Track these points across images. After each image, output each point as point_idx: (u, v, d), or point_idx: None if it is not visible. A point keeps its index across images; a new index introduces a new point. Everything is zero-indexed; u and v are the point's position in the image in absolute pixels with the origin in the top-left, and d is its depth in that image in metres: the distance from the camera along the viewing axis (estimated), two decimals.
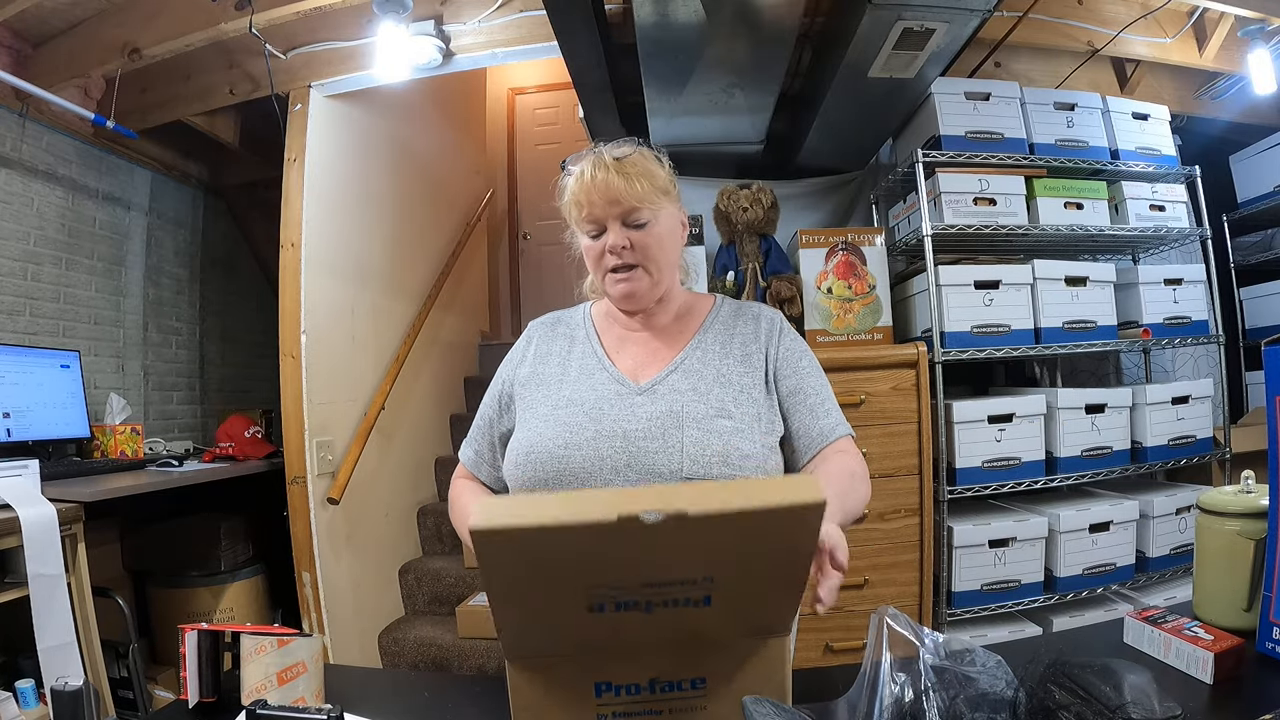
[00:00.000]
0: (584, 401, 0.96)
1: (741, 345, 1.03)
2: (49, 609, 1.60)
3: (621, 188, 0.94)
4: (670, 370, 0.99)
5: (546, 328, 1.11)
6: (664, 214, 0.98)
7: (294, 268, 2.47)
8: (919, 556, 2.00)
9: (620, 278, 0.98)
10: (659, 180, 0.97)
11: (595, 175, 0.95)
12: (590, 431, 0.92)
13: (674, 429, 0.91)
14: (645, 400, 0.95)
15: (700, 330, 1.04)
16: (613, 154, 0.96)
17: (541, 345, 1.08)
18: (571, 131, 4.68)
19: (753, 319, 1.06)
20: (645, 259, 0.97)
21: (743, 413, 0.94)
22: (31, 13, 2.30)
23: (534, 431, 0.95)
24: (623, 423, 0.92)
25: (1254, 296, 2.89)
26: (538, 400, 1.00)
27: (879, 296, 2.19)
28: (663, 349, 1.03)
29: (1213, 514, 0.90)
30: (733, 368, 1.00)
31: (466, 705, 0.86)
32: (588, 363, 1.02)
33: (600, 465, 0.90)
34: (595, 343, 1.05)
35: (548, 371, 1.03)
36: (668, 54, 1.81)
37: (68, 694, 0.92)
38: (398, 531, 3.08)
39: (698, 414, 0.92)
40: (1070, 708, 0.58)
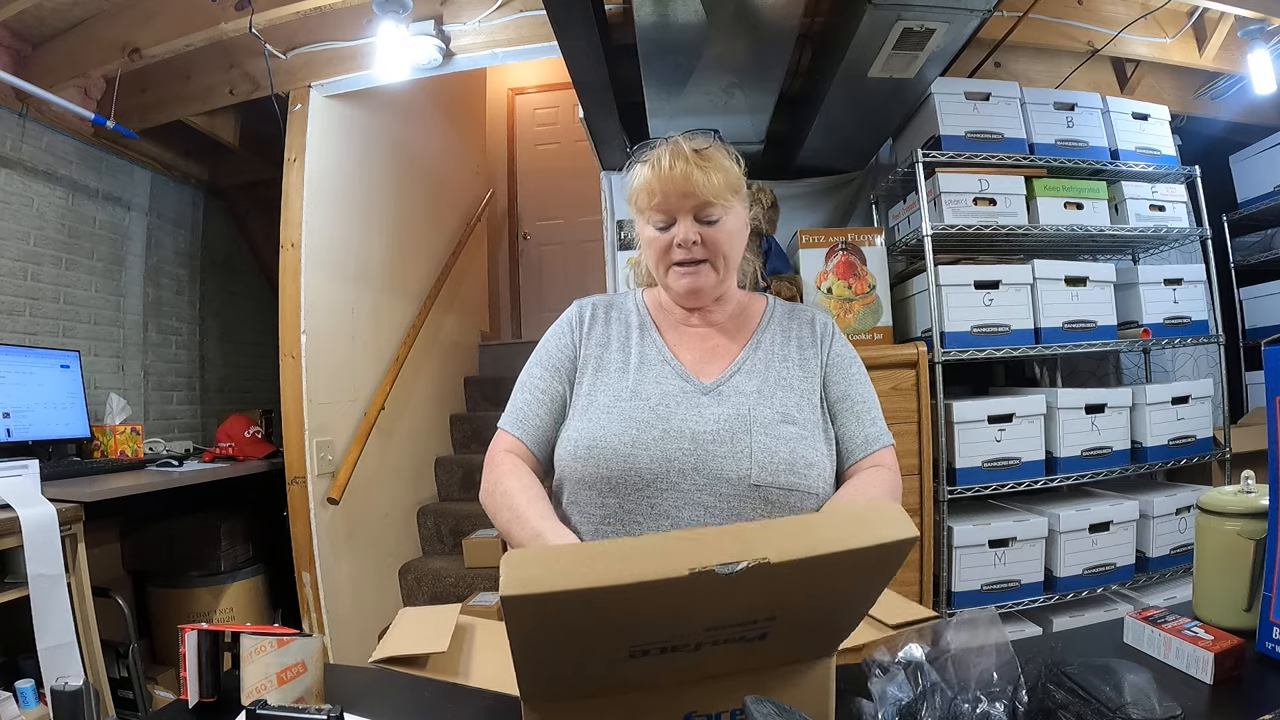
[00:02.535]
0: (650, 396, 0.93)
1: (799, 348, 1.01)
2: (49, 609, 1.60)
3: (700, 180, 0.91)
4: (734, 370, 0.97)
5: (601, 308, 1.07)
6: (734, 211, 0.97)
7: (294, 268, 2.47)
8: (919, 556, 2.00)
9: (686, 271, 0.96)
10: (733, 177, 0.95)
11: (675, 165, 0.91)
12: (658, 430, 0.89)
13: (743, 433, 0.89)
14: (711, 401, 0.93)
15: (758, 330, 1.03)
16: (691, 145, 0.93)
17: (598, 325, 1.04)
18: (571, 131, 4.68)
19: (807, 322, 1.05)
20: (714, 255, 0.95)
21: (805, 418, 0.93)
22: (31, 13, 2.29)
23: (597, 424, 0.92)
24: (690, 423, 0.90)
25: (1254, 296, 2.89)
26: (598, 388, 0.96)
27: (879, 296, 2.19)
28: (722, 346, 1.00)
29: (1213, 514, 0.90)
30: (792, 371, 0.98)
31: (467, 705, 0.85)
32: (649, 352, 0.99)
33: (668, 467, 0.88)
34: (654, 331, 1.02)
35: (608, 356, 1.00)
36: (668, 54, 1.81)
37: (68, 694, 0.92)
38: (398, 531, 3.08)
39: (764, 418, 0.91)
40: (1070, 708, 0.58)
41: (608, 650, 0.53)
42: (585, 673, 0.56)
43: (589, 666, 0.56)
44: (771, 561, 0.47)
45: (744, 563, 0.46)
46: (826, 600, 0.56)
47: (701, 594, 0.47)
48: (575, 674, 0.57)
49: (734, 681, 0.59)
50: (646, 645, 0.53)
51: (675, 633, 0.52)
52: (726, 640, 0.54)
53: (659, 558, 0.46)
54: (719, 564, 0.46)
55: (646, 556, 0.47)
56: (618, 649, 0.52)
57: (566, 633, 0.50)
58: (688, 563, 0.45)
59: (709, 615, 0.51)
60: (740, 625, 0.54)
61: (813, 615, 0.57)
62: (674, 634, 0.52)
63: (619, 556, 0.48)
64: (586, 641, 0.52)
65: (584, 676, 0.57)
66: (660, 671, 0.56)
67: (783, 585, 0.50)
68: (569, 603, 0.46)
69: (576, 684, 0.58)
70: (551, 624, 0.49)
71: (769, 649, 0.57)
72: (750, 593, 0.49)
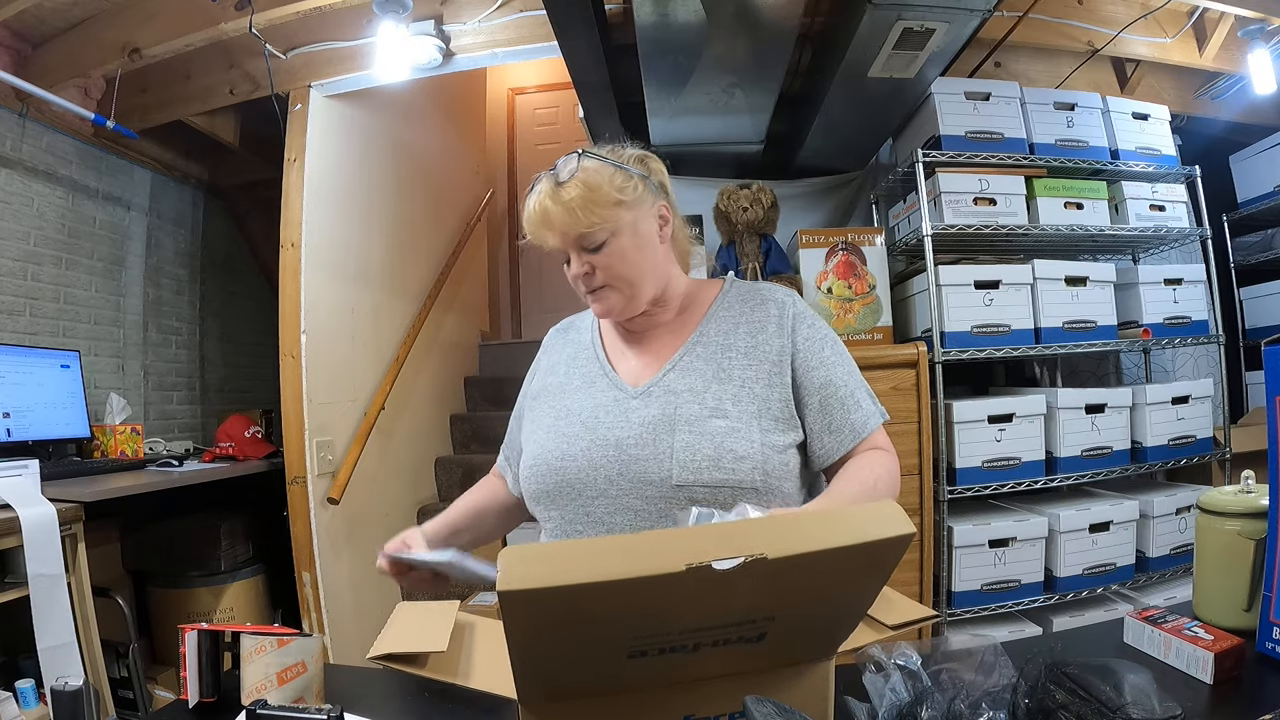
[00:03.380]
0: (581, 410, 0.96)
1: (748, 335, 0.97)
2: (49, 609, 1.60)
3: (562, 219, 0.90)
4: (667, 370, 0.95)
5: (559, 335, 1.12)
6: (623, 226, 0.92)
7: (294, 268, 2.47)
8: (919, 556, 2.00)
9: (594, 299, 0.97)
10: (604, 195, 0.90)
11: (536, 207, 0.92)
12: (585, 441, 0.92)
13: (665, 434, 0.89)
14: (640, 404, 0.93)
15: (702, 322, 0.99)
16: (555, 179, 0.92)
17: (551, 355, 1.09)
18: (571, 131, 4.68)
19: (761, 303, 1.00)
20: (610, 278, 0.94)
21: (740, 410, 0.90)
22: (31, 13, 2.29)
23: (536, 444, 0.97)
24: (615, 430, 0.92)
25: (1254, 296, 2.89)
26: (543, 413, 1.00)
27: (879, 296, 2.19)
28: (663, 348, 0.99)
29: (1213, 514, 0.90)
30: (734, 360, 0.94)
31: (467, 705, 0.85)
32: (589, 369, 1.01)
33: (594, 475, 0.90)
34: (599, 348, 1.04)
35: (553, 382, 1.03)
36: (668, 54, 1.81)
37: (68, 694, 0.92)
38: (397, 531, 3.07)
39: (690, 416, 0.89)
40: (1070, 708, 0.58)
41: (606, 649, 0.53)
42: (583, 673, 0.56)
43: (587, 666, 0.55)
44: (768, 557, 0.47)
45: (741, 558, 0.46)
46: (824, 599, 0.55)
47: (699, 590, 0.47)
48: (573, 674, 0.56)
49: (732, 683, 0.58)
50: (645, 646, 0.52)
51: (674, 630, 0.52)
52: (725, 641, 0.54)
53: (657, 554, 0.47)
54: (716, 559, 0.46)
55: (644, 553, 0.47)
56: (616, 648, 0.52)
57: (564, 630, 0.50)
58: (685, 558, 0.45)
59: (707, 613, 0.51)
60: (739, 625, 0.54)
61: (811, 615, 0.57)
62: (672, 632, 0.52)
63: (617, 552, 0.48)
64: (585, 640, 0.52)
65: (582, 677, 0.56)
66: (658, 673, 0.56)
67: (780, 583, 0.50)
68: (567, 598, 0.46)
69: (574, 685, 0.57)
70: (550, 620, 0.49)
71: (767, 651, 0.57)
72: (748, 590, 0.49)
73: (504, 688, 0.58)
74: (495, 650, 0.68)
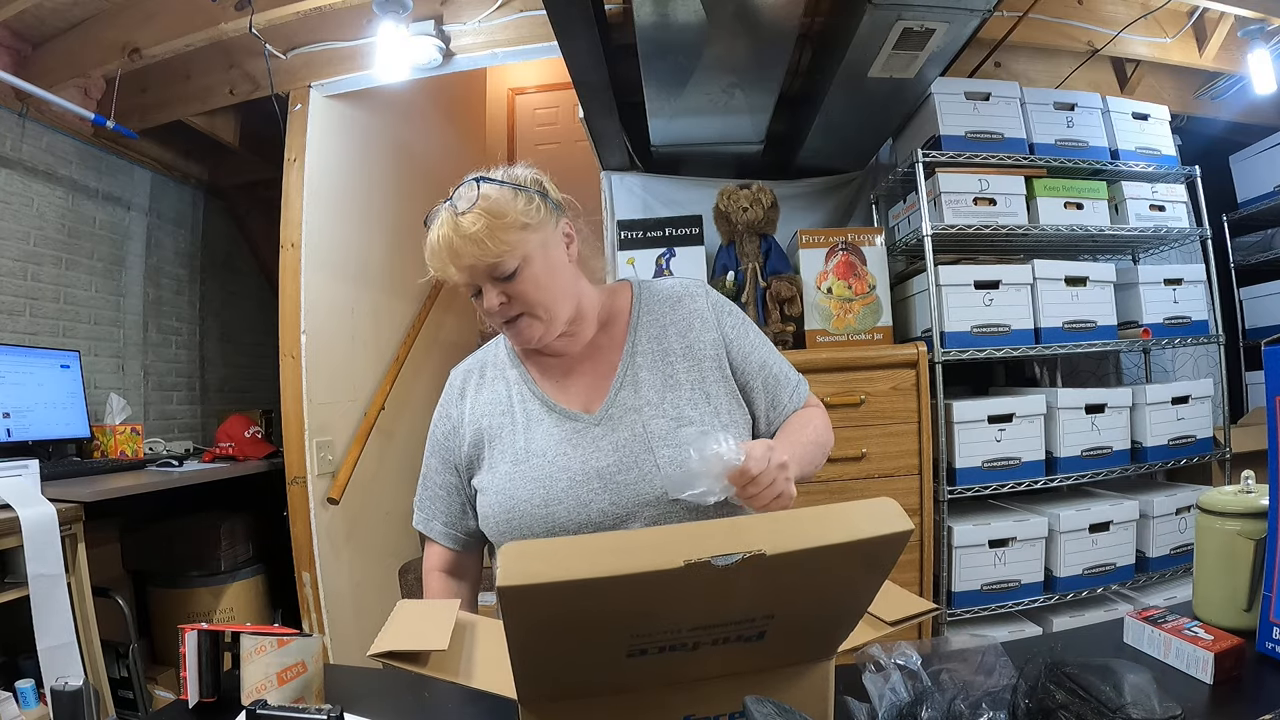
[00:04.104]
0: (545, 450, 0.92)
1: (679, 336, 0.98)
2: (49, 609, 1.60)
3: (470, 251, 0.86)
4: (616, 388, 0.95)
5: (475, 375, 1.05)
6: (533, 250, 0.90)
7: (294, 268, 2.47)
8: (919, 556, 2.00)
9: (511, 331, 0.94)
10: (509, 220, 0.88)
11: (440, 240, 0.89)
12: (564, 481, 0.89)
13: (644, 453, 0.89)
14: (605, 431, 0.92)
15: (629, 334, 0.99)
16: (454, 211, 0.88)
17: (479, 395, 1.02)
18: (571, 131, 4.67)
19: (678, 301, 1.01)
20: (527, 307, 0.91)
21: (699, 413, 0.92)
22: (31, 13, 2.29)
23: (505, 494, 0.91)
24: (592, 460, 0.89)
25: (1254, 296, 2.89)
26: (496, 458, 0.95)
27: (879, 296, 2.19)
28: (599, 368, 0.98)
29: (1213, 514, 0.90)
30: (675, 365, 0.96)
31: (467, 705, 0.85)
32: (531, 407, 0.97)
33: (586, 511, 0.88)
34: (530, 383, 0.99)
35: (494, 423, 0.97)
36: (668, 54, 1.80)
37: (68, 694, 0.92)
38: (398, 531, 3.08)
39: (660, 431, 0.90)
40: (1070, 708, 0.58)
41: (606, 647, 0.53)
42: (583, 672, 0.56)
43: (587, 665, 0.55)
44: (767, 553, 0.47)
45: (739, 554, 0.46)
46: (824, 597, 0.55)
47: (698, 587, 0.48)
48: (573, 673, 0.56)
49: (732, 683, 0.59)
50: (645, 644, 0.52)
51: (674, 628, 0.52)
52: (725, 640, 0.54)
53: (656, 550, 0.47)
54: (714, 555, 0.46)
55: (644, 548, 0.47)
56: (616, 646, 0.52)
57: (564, 627, 0.50)
58: (684, 554, 0.46)
59: (707, 610, 0.51)
60: (739, 624, 0.54)
61: (811, 614, 0.57)
62: (672, 630, 0.52)
63: (616, 549, 0.49)
64: (584, 637, 0.52)
65: (582, 676, 0.57)
66: (658, 672, 0.56)
67: (780, 580, 0.50)
68: (566, 594, 0.46)
69: (574, 684, 0.57)
70: (549, 617, 0.49)
71: (767, 650, 0.57)
72: (747, 587, 0.49)
73: (504, 688, 0.58)
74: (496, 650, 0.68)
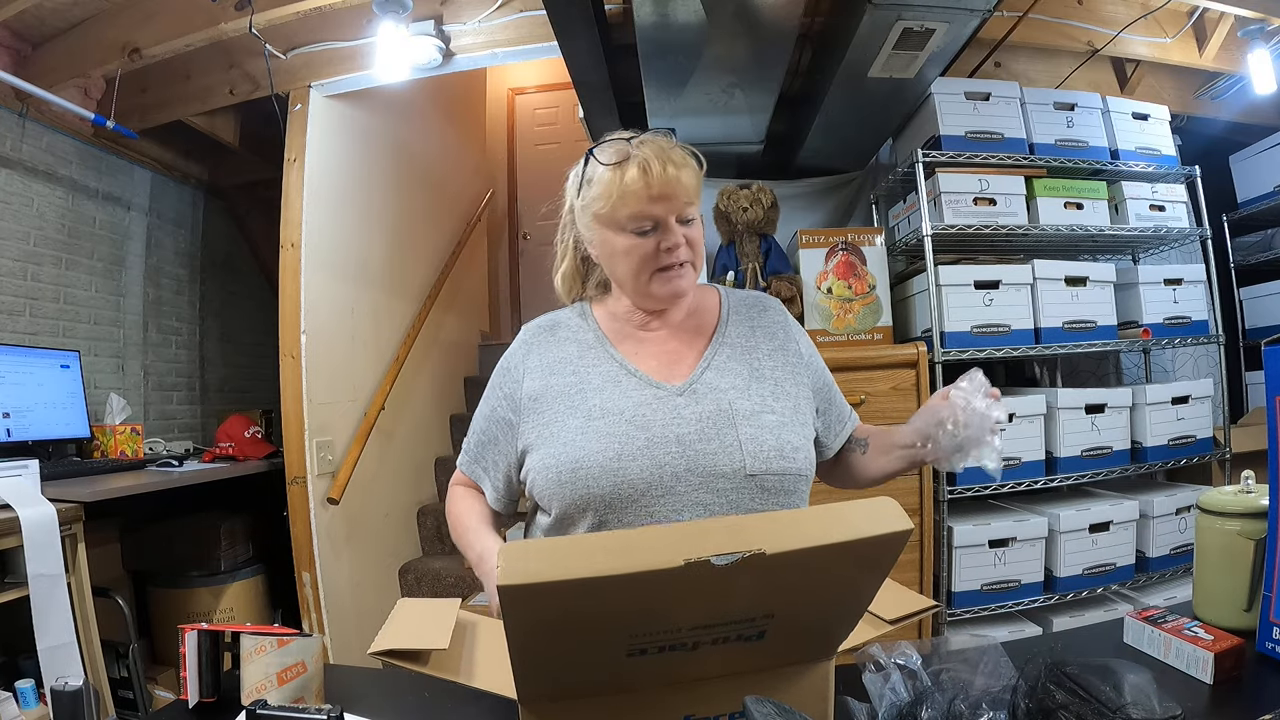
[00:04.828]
0: (623, 410, 0.90)
1: (767, 339, 1.01)
2: (49, 609, 1.60)
3: (686, 181, 0.90)
4: (703, 368, 0.95)
5: (545, 333, 1.03)
6: (697, 210, 0.96)
7: (294, 268, 2.47)
8: (919, 556, 2.00)
9: (674, 275, 0.93)
10: (699, 176, 0.95)
11: (665, 170, 0.89)
12: (641, 440, 0.88)
13: (728, 427, 0.89)
14: (688, 401, 0.91)
15: (719, 326, 1.02)
16: (662, 146, 0.91)
17: (546, 352, 1.00)
18: (571, 131, 4.67)
19: (764, 310, 1.06)
20: (695, 255, 0.95)
21: (782, 406, 0.94)
22: (31, 13, 2.29)
23: (574, 446, 0.89)
24: (673, 426, 0.89)
25: (1254, 296, 2.89)
26: (561, 414, 0.92)
27: (879, 296, 2.19)
28: (683, 348, 0.99)
29: (1213, 514, 0.90)
30: (762, 362, 0.98)
31: (467, 705, 0.85)
32: (609, 369, 0.96)
33: (660, 474, 0.87)
34: (610, 347, 0.98)
35: (562, 382, 0.95)
36: (668, 54, 1.81)
37: (68, 694, 0.92)
38: (398, 531, 3.08)
39: (745, 410, 0.91)
40: (1070, 708, 0.58)
41: (606, 646, 0.53)
42: (584, 671, 0.56)
43: (587, 664, 0.55)
44: (766, 553, 0.47)
45: (739, 553, 0.46)
46: (824, 596, 0.55)
47: (698, 586, 0.47)
48: (573, 673, 0.56)
49: (732, 683, 0.59)
50: (644, 644, 0.52)
51: (673, 628, 0.52)
52: (725, 640, 0.54)
53: (656, 549, 0.47)
54: (714, 554, 0.46)
55: (644, 548, 0.47)
56: (616, 645, 0.52)
57: (564, 626, 0.50)
58: (683, 553, 0.46)
59: (707, 609, 0.51)
60: (739, 623, 0.53)
61: (811, 613, 0.57)
62: (672, 629, 0.52)
63: (616, 548, 0.48)
64: (584, 636, 0.52)
65: (582, 676, 0.56)
66: (658, 672, 0.56)
67: (779, 579, 0.50)
68: (565, 593, 0.46)
69: (574, 683, 0.57)
70: (548, 616, 0.49)
71: (767, 649, 0.57)
72: (747, 586, 0.49)
73: (505, 688, 0.58)
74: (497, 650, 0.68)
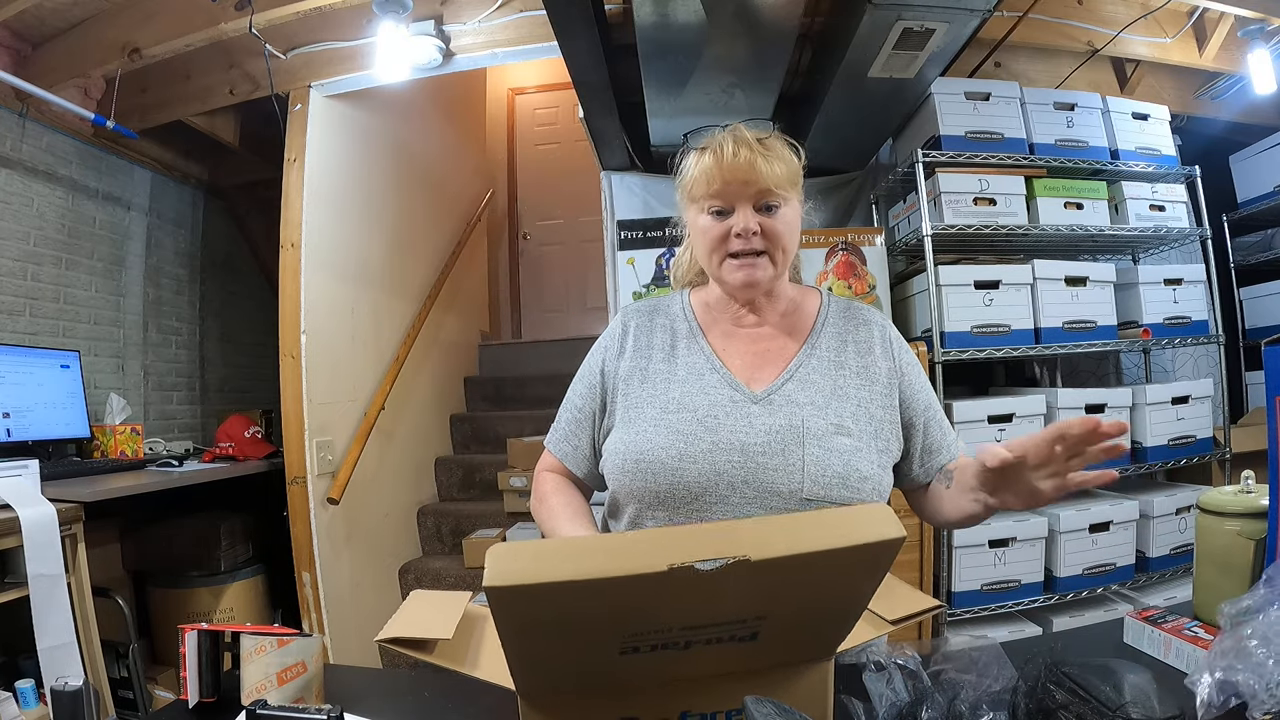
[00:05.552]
0: (697, 407, 0.90)
1: (857, 355, 0.97)
2: (49, 609, 1.60)
3: (763, 168, 0.89)
4: (786, 379, 0.93)
5: (644, 316, 1.03)
6: (792, 203, 0.94)
7: (294, 268, 2.47)
8: (919, 556, 2.00)
9: (743, 263, 0.92)
10: (793, 168, 0.92)
11: (739, 152, 0.89)
12: (706, 443, 0.87)
13: (795, 445, 0.86)
14: (762, 411, 0.90)
15: (813, 333, 0.98)
16: (753, 133, 0.91)
17: (641, 336, 1.00)
18: (571, 131, 4.68)
19: (864, 323, 1.01)
20: (772, 246, 0.92)
21: (860, 430, 0.90)
22: (31, 13, 2.29)
23: (643, 437, 0.90)
24: (740, 434, 0.88)
25: (1254, 296, 2.89)
26: (644, 400, 0.93)
27: (879, 296, 2.19)
28: (773, 350, 0.97)
29: (1213, 514, 0.90)
30: (848, 380, 0.94)
31: (466, 705, 0.85)
32: (696, 361, 0.96)
33: (717, 480, 0.86)
34: (701, 338, 0.98)
35: (652, 368, 0.96)
36: (668, 54, 1.81)
37: (68, 694, 0.92)
38: (398, 531, 3.08)
39: (817, 430, 0.87)
40: (1070, 708, 0.58)
41: (596, 646, 0.53)
42: (576, 669, 0.56)
43: (579, 662, 0.55)
44: (751, 559, 0.47)
45: (723, 560, 0.46)
46: (815, 600, 0.55)
47: (684, 590, 0.47)
48: (565, 670, 0.57)
49: (729, 683, 0.59)
50: (636, 643, 0.53)
51: (663, 628, 0.52)
52: (718, 640, 0.54)
53: (642, 554, 0.47)
54: (699, 560, 0.46)
55: (630, 552, 0.48)
56: (608, 645, 0.52)
57: (553, 626, 0.50)
58: (668, 558, 0.46)
59: (695, 612, 0.51)
60: (730, 625, 0.53)
61: (804, 616, 0.56)
62: (662, 629, 0.52)
63: (602, 551, 0.49)
64: (574, 636, 0.52)
65: (575, 673, 0.57)
66: (653, 669, 0.56)
67: (766, 584, 0.50)
68: (552, 594, 0.47)
69: (568, 680, 0.57)
70: (536, 616, 0.49)
71: (762, 650, 0.57)
72: (735, 591, 0.49)
73: (508, 680, 0.59)
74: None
